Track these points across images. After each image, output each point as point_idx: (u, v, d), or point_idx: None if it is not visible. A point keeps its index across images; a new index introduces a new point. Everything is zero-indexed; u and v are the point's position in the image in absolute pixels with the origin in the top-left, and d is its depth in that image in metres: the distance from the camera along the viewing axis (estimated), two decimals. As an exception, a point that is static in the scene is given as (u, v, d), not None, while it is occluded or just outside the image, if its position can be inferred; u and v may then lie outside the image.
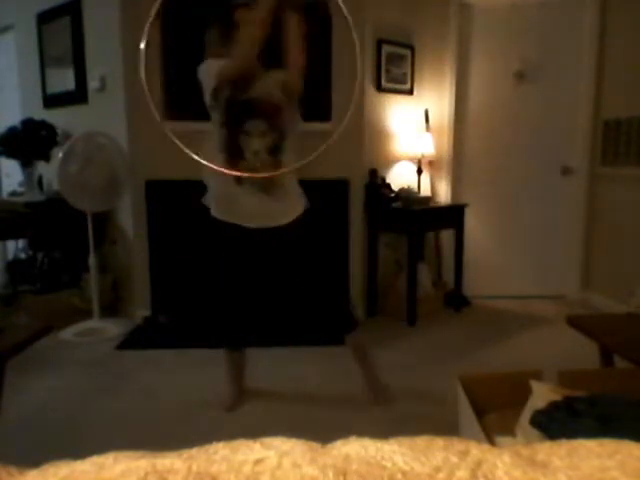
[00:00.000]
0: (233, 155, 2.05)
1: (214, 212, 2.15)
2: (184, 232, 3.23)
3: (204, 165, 2.11)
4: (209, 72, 2.04)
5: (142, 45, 1.95)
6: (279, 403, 2.32)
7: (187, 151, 1.74)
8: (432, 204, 3.67)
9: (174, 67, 3.18)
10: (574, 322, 2.03)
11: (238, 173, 2.05)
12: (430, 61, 3.78)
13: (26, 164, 3.55)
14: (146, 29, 1.78)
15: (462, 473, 0.43)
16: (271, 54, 2.09)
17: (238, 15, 2.01)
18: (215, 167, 1.96)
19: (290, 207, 2.17)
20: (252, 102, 2.04)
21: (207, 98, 2.05)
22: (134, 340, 3.14)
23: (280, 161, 2.08)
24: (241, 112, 2.04)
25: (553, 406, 1.28)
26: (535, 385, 1.43)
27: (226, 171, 2.03)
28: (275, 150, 2.08)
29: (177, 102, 3.11)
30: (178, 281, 3.35)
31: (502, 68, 3.79)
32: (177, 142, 1.72)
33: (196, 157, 1.74)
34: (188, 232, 3.17)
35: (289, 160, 2.10)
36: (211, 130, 2.10)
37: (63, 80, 3.73)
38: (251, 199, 2.09)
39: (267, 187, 2.10)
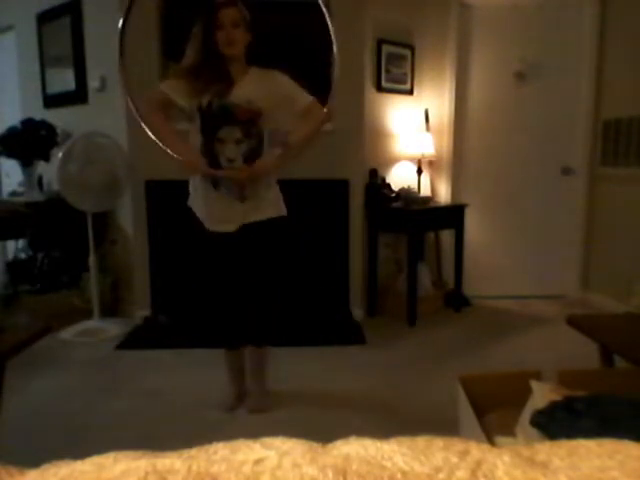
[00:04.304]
0: (211, 162, 2.02)
1: (199, 214, 2.14)
2: (184, 232, 3.22)
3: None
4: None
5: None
6: (279, 403, 2.32)
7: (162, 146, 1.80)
8: (432, 204, 3.67)
9: (174, 64, 3.18)
10: (574, 322, 2.02)
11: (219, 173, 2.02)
12: (430, 61, 3.78)
13: (26, 164, 3.55)
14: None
15: (462, 473, 0.43)
16: (256, 52, 2.07)
17: (222, 15, 1.96)
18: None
19: (259, 212, 2.08)
20: (229, 108, 1.97)
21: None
22: (134, 340, 3.14)
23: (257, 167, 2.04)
24: (217, 118, 1.98)
25: (553, 406, 1.28)
26: (535, 385, 1.42)
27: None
28: (252, 157, 2.02)
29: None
30: (178, 281, 3.35)
31: (502, 68, 3.79)
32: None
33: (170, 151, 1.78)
34: (188, 232, 3.17)
35: (267, 164, 2.04)
36: (193, 133, 2.07)
37: (63, 80, 3.73)
38: (224, 204, 2.06)
39: (242, 195, 2.05)
